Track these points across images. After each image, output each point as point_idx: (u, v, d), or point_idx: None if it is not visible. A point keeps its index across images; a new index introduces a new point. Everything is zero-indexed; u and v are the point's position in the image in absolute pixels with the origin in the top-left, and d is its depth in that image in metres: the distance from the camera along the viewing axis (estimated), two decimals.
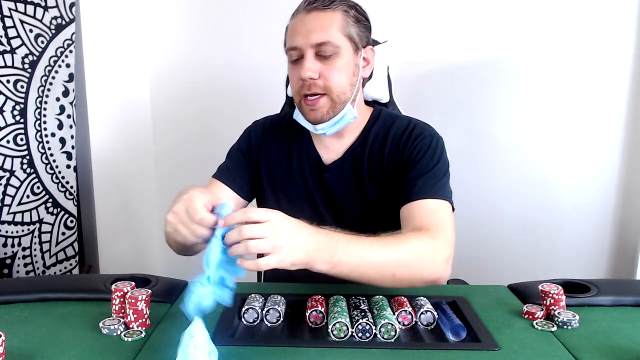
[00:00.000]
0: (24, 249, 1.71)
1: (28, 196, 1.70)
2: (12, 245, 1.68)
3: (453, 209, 1.03)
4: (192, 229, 0.76)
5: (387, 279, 0.85)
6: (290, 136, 1.15)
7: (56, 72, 1.71)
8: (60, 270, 1.80)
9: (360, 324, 0.79)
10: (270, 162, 1.15)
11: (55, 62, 1.71)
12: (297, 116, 1.09)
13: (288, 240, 0.74)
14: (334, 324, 0.79)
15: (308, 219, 0.94)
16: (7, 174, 1.65)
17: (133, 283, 0.86)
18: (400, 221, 1.02)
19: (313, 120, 1.04)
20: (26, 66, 1.65)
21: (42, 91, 1.70)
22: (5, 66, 1.60)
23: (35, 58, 1.67)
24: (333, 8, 1.00)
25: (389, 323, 0.79)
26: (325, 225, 0.95)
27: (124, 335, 0.79)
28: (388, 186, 1.08)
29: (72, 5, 1.72)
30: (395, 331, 0.79)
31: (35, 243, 1.73)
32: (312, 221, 0.85)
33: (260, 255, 0.74)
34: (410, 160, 1.05)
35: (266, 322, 0.86)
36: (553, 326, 0.82)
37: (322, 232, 0.81)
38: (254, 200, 1.21)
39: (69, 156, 1.78)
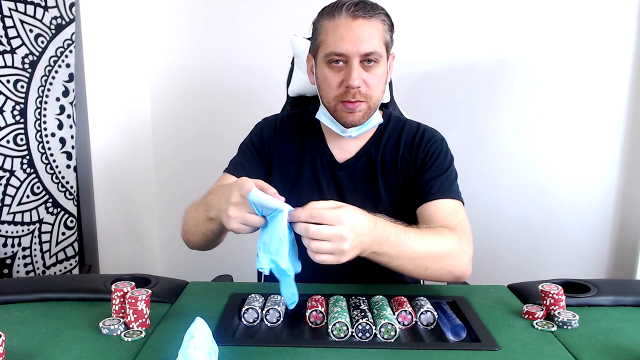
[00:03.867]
0: (24, 249, 1.71)
1: (28, 196, 1.70)
2: (12, 245, 1.68)
3: None
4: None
5: (420, 271, 0.91)
6: (302, 134, 1.16)
7: (56, 72, 1.71)
8: (60, 270, 1.79)
9: (360, 324, 0.79)
10: (283, 158, 1.15)
11: (55, 62, 1.71)
12: (321, 117, 1.10)
13: (349, 244, 0.77)
14: (334, 324, 0.79)
15: None
16: (7, 174, 1.64)
17: (133, 283, 0.86)
18: (414, 221, 1.05)
19: (350, 124, 1.05)
20: (26, 66, 1.65)
21: (42, 91, 1.69)
22: (5, 66, 1.60)
23: (35, 58, 1.66)
24: (375, 17, 1.01)
25: (389, 323, 0.79)
26: None
27: (124, 335, 0.79)
28: (401, 187, 1.11)
29: (72, 5, 1.72)
30: (395, 331, 0.79)
31: (35, 243, 1.73)
32: None
33: None
34: (424, 162, 1.09)
35: (266, 322, 0.86)
36: (553, 326, 0.83)
37: (377, 226, 0.83)
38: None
39: (69, 156, 1.78)
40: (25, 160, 1.68)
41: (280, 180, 1.15)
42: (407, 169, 1.11)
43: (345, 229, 0.76)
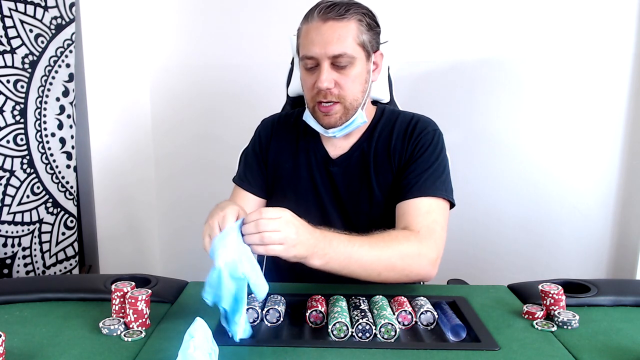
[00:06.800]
0: (24, 249, 1.71)
1: (28, 196, 1.70)
2: (12, 245, 1.68)
3: (453, 205, 1.07)
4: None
5: (374, 276, 0.94)
6: (297, 133, 1.19)
7: (56, 72, 1.71)
8: (60, 270, 1.79)
9: (360, 324, 0.79)
10: (278, 157, 1.18)
11: (55, 62, 1.71)
12: (308, 118, 1.12)
13: (295, 236, 0.82)
14: (334, 324, 0.79)
15: (314, 213, 1.05)
16: (7, 174, 1.64)
17: (133, 283, 0.86)
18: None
19: (326, 125, 1.07)
20: (26, 66, 1.65)
21: (42, 91, 1.69)
22: (5, 66, 1.60)
23: (35, 58, 1.66)
24: (348, 17, 1.01)
25: (389, 323, 0.79)
26: (330, 219, 1.08)
27: (124, 335, 0.79)
28: (394, 179, 1.11)
29: (72, 5, 1.72)
30: (395, 331, 0.79)
31: (35, 243, 1.73)
32: (317, 215, 0.85)
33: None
34: (413, 154, 1.09)
35: (266, 322, 0.86)
36: (553, 326, 0.83)
37: (318, 232, 0.88)
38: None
39: (69, 156, 1.78)
40: (25, 160, 1.68)
41: (276, 178, 1.17)
42: (399, 160, 1.10)
43: (290, 219, 0.82)
